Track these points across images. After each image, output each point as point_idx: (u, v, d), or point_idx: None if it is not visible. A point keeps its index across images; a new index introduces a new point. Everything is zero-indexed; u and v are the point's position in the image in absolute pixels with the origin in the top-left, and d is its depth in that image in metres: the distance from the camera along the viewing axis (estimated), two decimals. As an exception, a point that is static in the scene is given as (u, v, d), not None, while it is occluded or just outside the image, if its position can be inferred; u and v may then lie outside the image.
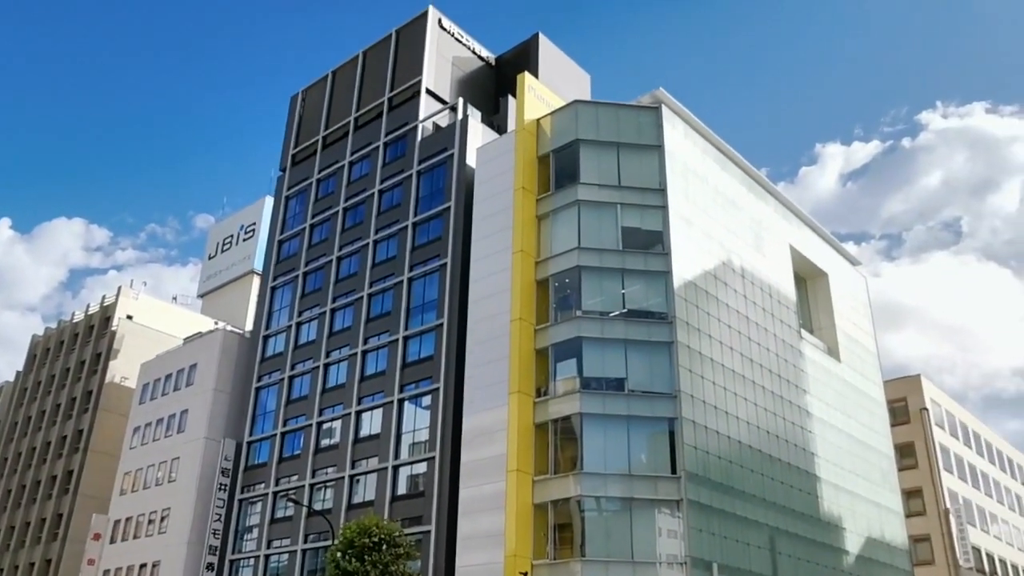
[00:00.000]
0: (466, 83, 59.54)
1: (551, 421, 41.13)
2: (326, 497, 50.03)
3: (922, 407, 69.92)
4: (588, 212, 44.27)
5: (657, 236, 44.22)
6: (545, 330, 42.83)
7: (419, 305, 49.93)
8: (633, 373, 41.35)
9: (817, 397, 52.77)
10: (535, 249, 44.86)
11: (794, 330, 52.70)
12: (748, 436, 44.96)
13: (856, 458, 55.03)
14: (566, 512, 39.57)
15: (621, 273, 43.28)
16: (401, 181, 54.86)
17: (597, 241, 43.62)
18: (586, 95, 59.28)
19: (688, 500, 38.98)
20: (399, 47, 60.03)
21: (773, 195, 55.92)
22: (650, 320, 42.36)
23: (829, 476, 51.01)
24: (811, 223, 59.62)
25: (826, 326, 58.14)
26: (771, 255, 53.12)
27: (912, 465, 68.36)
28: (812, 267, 58.35)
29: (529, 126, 47.31)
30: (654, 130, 46.24)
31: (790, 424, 49.03)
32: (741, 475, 43.44)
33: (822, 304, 58.92)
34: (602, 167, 45.28)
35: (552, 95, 50.36)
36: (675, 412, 40.39)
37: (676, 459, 39.90)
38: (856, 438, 55.91)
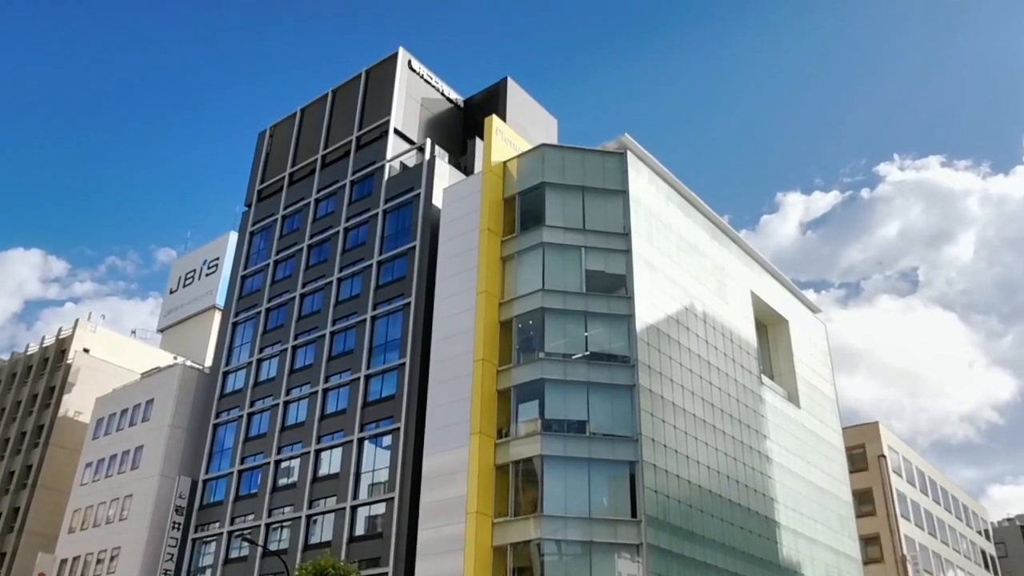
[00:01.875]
0: (434, 124, 60.00)
1: (512, 463, 40.93)
2: (282, 537, 49.16)
3: (880, 454, 70.60)
4: (552, 255, 44.57)
5: (620, 280, 44.57)
6: (508, 371, 42.80)
7: (382, 344, 49.71)
8: (595, 416, 41.36)
9: (777, 443, 53.13)
10: (499, 290, 44.99)
11: (755, 375, 53.16)
12: (708, 481, 45.06)
13: (815, 504, 55.34)
14: (526, 555, 39.22)
15: (584, 316, 43.49)
16: (367, 220, 54.89)
17: (561, 283, 43.87)
18: (553, 139, 60.01)
19: (648, 544, 38.84)
20: (368, 87, 60.45)
21: (735, 242, 56.73)
22: (612, 363, 42.53)
23: (789, 522, 51.19)
24: (772, 270, 60.49)
25: (786, 372, 58.75)
26: (733, 301, 53.73)
27: (870, 512, 68.79)
28: (773, 314, 59.08)
29: (496, 168, 47.71)
30: (619, 175, 46.84)
31: (750, 469, 49.23)
32: (701, 520, 43.43)
33: (782, 350, 59.59)
34: (567, 210, 45.70)
35: (519, 138, 50.92)
36: (636, 455, 40.42)
37: (636, 503, 39.82)
38: (815, 484, 56.27)
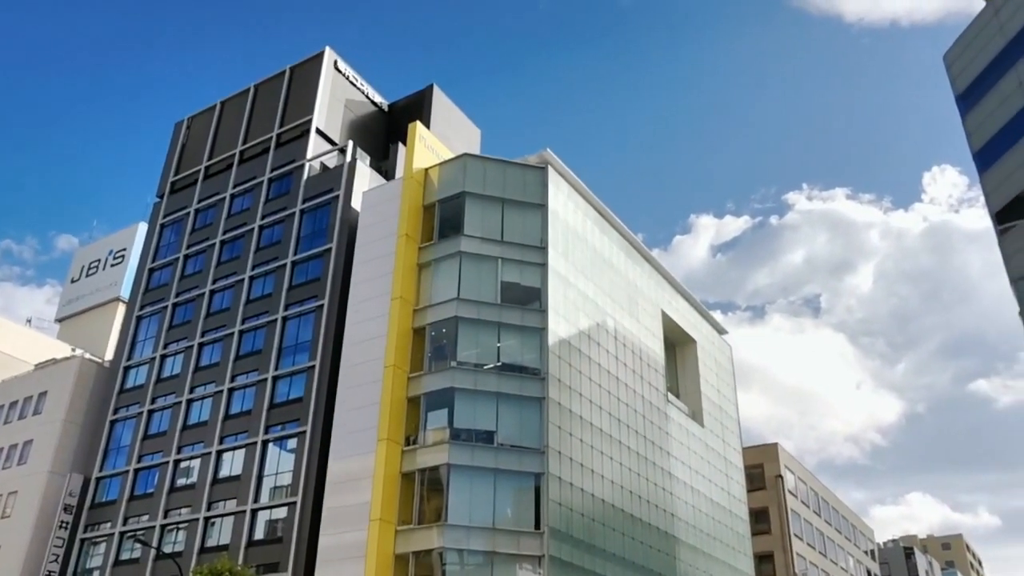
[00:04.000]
0: (357, 127, 59.54)
1: (418, 471, 40.74)
2: (178, 539, 47.75)
3: (778, 474, 72.78)
4: (469, 264, 44.67)
5: (535, 292, 44.94)
6: (418, 379, 42.64)
7: (292, 345, 48.92)
8: (503, 427, 41.53)
9: (680, 460, 54.26)
10: (414, 297, 44.84)
11: (661, 393, 54.23)
12: (612, 495, 45.70)
13: (714, 521, 56.68)
14: (428, 564, 39.05)
15: (498, 327, 43.67)
16: (283, 219, 54.03)
17: (476, 293, 43.98)
18: (476, 149, 60.20)
19: (550, 556, 39.14)
20: (292, 84, 59.62)
21: (648, 260, 57.85)
22: (523, 375, 42.80)
23: (688, 538, 52.29)
24: (682, 290, 61.87)
25: (691, 391, 60.10)
26: (643, 319, 54.73)
27: (765, 530, 70.79)
28: (681, 333, 60.40)
29: (417, 175, 47.61)
30: (539, 189, 47.29)
31: (653, 485, 50.14)
32: (603, 533, 44.00)
33: (689, 369, 60.95)
34: (486, 221, 45.89)
35: (442, 146, 50.93)
36: (542, 468, 40.72)
37: (540, 515, 40.10)
38: (715, 502, 57.65)
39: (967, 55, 44.44)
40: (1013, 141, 40.77)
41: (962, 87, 44.36)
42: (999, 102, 42.07)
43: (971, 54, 44.13)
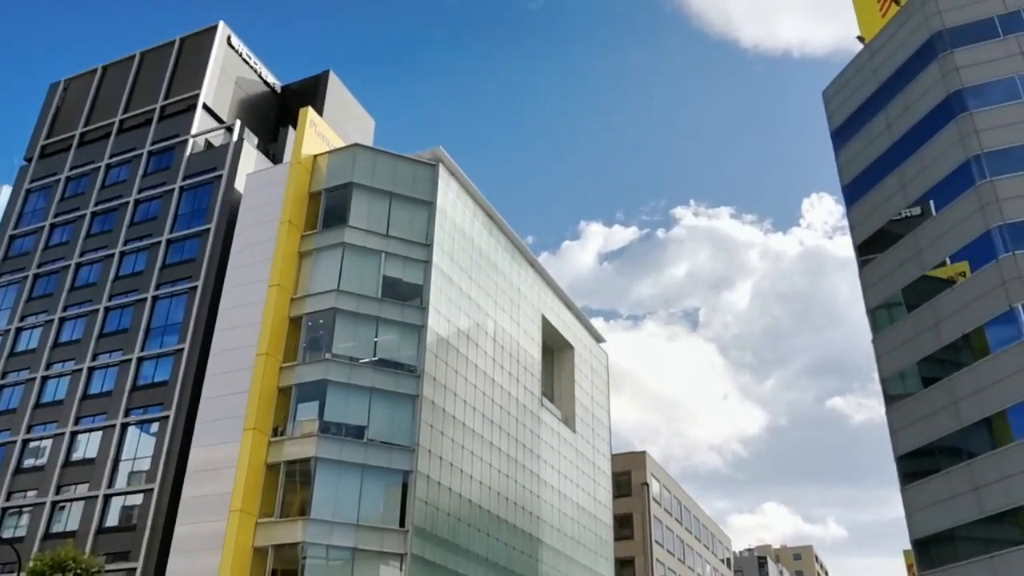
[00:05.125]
0: (247, 106, 57.90)
1: (285, 462, 39.93)
2: (20, 524, 45.27)
3: (644, 482, 74.68)
4: (352, 256, 44.08)
5: (417, 289, 44.73)
6: (291, 369, 41.79)
7: (160, 326, 47.14)
8: (375, 422, 41.15)
9: (550, 464, 55.00)
10: (292, 286, 43.93)
11: (536, 397, 54.86)
12: (479, 496, 45.92)
13: (579, 526, 57.70)
14: (288, 558, 38.31)
15: (376, 321, 43.26)
16: (161, 194, 51.99)
17: (357, 286, 43.43)
18: (368, 140, 59.46)
19: (412, 555, 39.03)
20: (182, 56, 57.47)
21: (533, 265, 58.42)
22: (399, 371, 42.53)
23: (552, 541, 53.05)
24: (564, 297, 62.74)
25: (566, 396, 61.00)
26: (524, 323, 55.24)
27: (629, 536, 72.50)
28: (560, 339, 61.25)
29: (305, 161, 46.67)
30: (429, 185, 47.09)
31: (521, 487, 50.66)
32: (468, 534, 44.17)
33: (565, 375, 61.86)
34: (372, 214, 45.38)
35: (333, 134, 50.08)
36: (411, 465, 40.56)
37: (406, 513, 39.93)
38: (581, 506, 58.70)
39: (843, 93, 46.70)
40: (877, 180, 43.13)
41: (837, 123, 46.61)
42: (868, 141, 44.41)
43: (847, 93, 46.41)
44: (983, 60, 40.18)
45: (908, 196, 41.27)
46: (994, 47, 40.34)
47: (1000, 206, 36.70)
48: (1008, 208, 36.55)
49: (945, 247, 38.82)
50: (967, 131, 38.86)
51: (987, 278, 36.32)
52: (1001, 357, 35.05)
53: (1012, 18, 40.64)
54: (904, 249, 40.86)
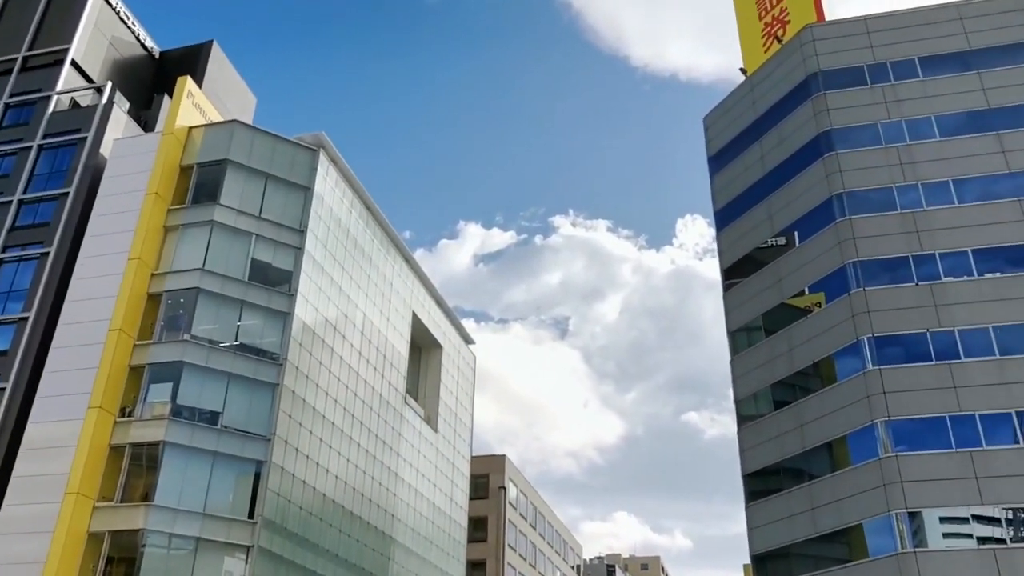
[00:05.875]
0: (121, 69, 54.96)
1: (130, 445, 38.04)
2: None
3: (501, 485, 75.18)
4: (220, 235, 42.49)
5: (286, 275, 43.53)
6: (145, 347, 39.88)
7: (4, 292, 44.04)
8: (231, 409, 39.74)
9: (409, 462, 54.56)
10: (154, 261, 41.95)
11: (400, 394, 54.32)
12: (334, 491, 45.05)
13: (433, 526, 57.47)
14: (125, 545, 36.51)
15: (241, 305, 41.83)
16: (17, 151, 48.61)
17: (223, 267, 41.89)
18: (248, 118, 57.57)
19: (260, 547, 37.90)
20: (51, 6, 53.88)
21: (408, 261, 57.90)
22: (260, 358, 41.24)
23: (405, 540, 52.60)
24: (437, 296, 62.46)
25: (431, 396, 60.72)
26: (394, 318, 54.65)
27: (482, 538, 72.79)
28: (430, 337, 60.93)
29: (179, 132, 44.70)
30: (307, 171, 45.96)
31: (378, 484, 50.02)
32: (319, 528, 43.25)
33: (431, 374, 61.57)
34: (246, 194, 43.89)
35: (212, 108, 48.21)
36: (265, 456, 39.39)
37: (256, 504, 38.75)
38: (437, 506, 58.49)
39: (723, 121, 48.41)
40: (747, 207, 44.92)
41: (714, 149, 48.29)
42: (742, 170, 46.20)
43: (726, 121, 48.14)
44: (851, 105, 42.45)
45: (774, 226, 43.12)
46: (862, 94, 42.68)
47: (855, 243, 38.82)
48: (862, 246, 38.70)
49: (804, 278, 40.74)
50: (832, 170, 40.95)
51: (838, 310, 38.33)
52: (846, 385, 37.03)
53: (879, 69, 43.11)
54: (767, 276, 42.65)
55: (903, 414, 35.33)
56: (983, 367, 35.42)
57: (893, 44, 43.71)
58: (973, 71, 42.04)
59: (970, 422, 34.76)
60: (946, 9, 44.25)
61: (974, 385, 35.18)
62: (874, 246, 38.74)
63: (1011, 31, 42.65)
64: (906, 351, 36.67)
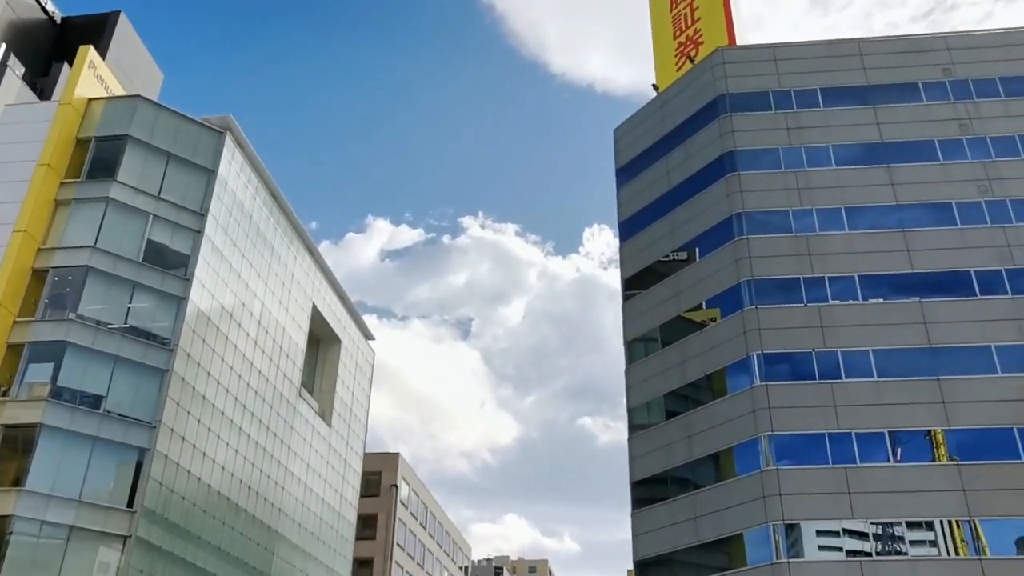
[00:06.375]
0: (17, 31, 52.32)
1: (4, 426, 36.24)
2: None
3: (393, 483, 74.67)
4: (115, 213, 40.98)
5: (183, 259, 42.30)
6: (26, 325, 38.09)
7: None
8: (115, 393, 38.34)
9: (300, 457, 53.66)
10: (42, 235, 40.14)
11: (295, 387, 53.41)
12: (221, 482, 43.95)
13: (321, 522, 56.65)
14: (-10, 531, 34.76)
15: (133, 286, 40.41)
16: (-103, 110, 45.87)
17: (116, 246, 40.41)
18: (154, 94, 55.63)
19: (137, 538, 36.67)
20: (-54, -39, 51.12)
21: (311, 253, 57.02)
22: (150, 342, 39.94)
23: (291, 535, 51.69)
24: (339, 290, 61.70)
25: (326, 390, 59.89)
26: (293, 309, 53.71)
27: (371, 536, 72.09)
28: (329, 331, 60.13)
29: (78, 103, 42.93)
30: (212, 153, 44.78)
31: (267, 478, 49.02)
32: (202, 520, 42.11)
33: (328, 369, 60.74)
34: (145, 172, 42.47)
35: (115, 81, 46.49)
36: (149, 443, 38.16)
37: (137, 492, 37.47)
38: (326, 502, 57.69)
39: (632, 135, 49.38)
40: (651, 220, 45.95)
41: (622, 162, 49.22)
42: (648, 184, 47.21)
43: (635, 135, 49.11)
44: (755, 128, 43.96)
45: (676, 240, 44.23)
46: (766, 118, 44.23)
47: (751, 263, 40.17)
48: (757, 265, 40.09)
49: (701, 292, 41.91)
50: (733, 190, 42.29)
51: (731, 326, 39.58)
52: (734, 399, 38.25)
53: (784, 96, 44.79)
54: (666, 289, 43.69)
55: (786, 429, 36.72)
56: (861, 388, 37.14)
57: (798, 73, 45.46)
58: (869, 105, 44.10)
59: (847, 440, 36.35)
60: (848, 44, 46.31)
61: (852, 405, 36.85)
62: (768, 266, 40.16)
63: (905, 71, 44.94)
64: (792, 369, 38.13)
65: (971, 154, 42.28)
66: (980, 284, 39.05)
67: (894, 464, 35.76)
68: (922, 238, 40.29)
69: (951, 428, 36.07)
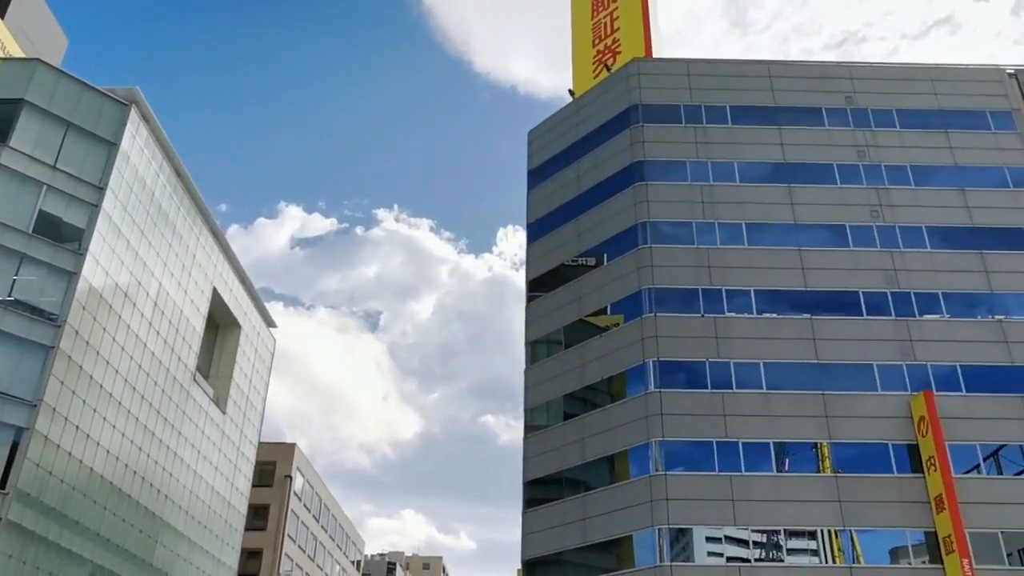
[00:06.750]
0: (-89, -17, 49.69)
1: None
2: None
3: (288, 474, 73.43)
4: (6, 180, 39.20)
5: (78, 233, 40.77)
6: (-99, 292, 36.15)
7: None
8: (-6, 369, 36.69)
9: (192, 443, 52.30)
10: (-76, 198, 38.16)
11: (189, 371, 52.04)
12: (104, 467, 42.45)
13: (210, 511, 55.30)
14: None
15: (21, 258, 38.72)
16: None
17: (6, 215, 38.67)
18: (57, 60, 53.49)
19: (8, 521, 35.13)
20: None
21: (216, 236, 55.67)
22: (36, 317, 38.34)
23: (177, 523, 50.31)
24: (243, 275, 60.41)
25: (223, 376, 58.55)
26: (192, 292, 52.33)
27: (262, 527, 70.69)
28: (229, 316, 58.80)
29: (-29, 63, 40.95)
30: (115, 125, 43.30)
31: (154, 464, 47.60)
32: (82, 505, 40.61)
33: (226, 354, 59.40)
34: (42, 140, 40.77)
35: (14, 43, 44.59)
36: (28, 422, 36.62)
37: (11, 473, 35.89)
38: (216, 491, 56.36)
39: (546, 138, 49.83)
40: (559, 224, 46.47)
41: (535, 164, 49.61)
42: (558, 187, 47.71)
43: (549, 138, 49.57)
44: (665, 140, 44.87)
45: (582, 245, 44.80)
46: (676, 131, 45.21)
47: (653, 271, 41.01)
48: (658, 274, 40.96)
49: (604, 297, 42.55)
50: (640, 199, 43.09)
51: (630, 332, 40.32)
52: (628, 404, 38.97)
53: (694, 110, 45.89)
54: (569, 292, 44.20)
55: (676, 436, 37.59)
56: (751, 399, 38.33)
57: (710, 89, 46.62)
58: (775, 126, 45.53)
59: (734, 448, 37.46)
60: (759, 66, 47.74)
61: (741, 415, 37.98)
62: (669, 276, 41.06)
63: (811, 96, 46.59)
64: (686, 377, 39.07)
65: (866, 180, 44.10)
66: (867, 305, 40.75)
67: (777, 474, 37.01)
68: (816, 257, 41.81)
69: (832, 441, 37.54)
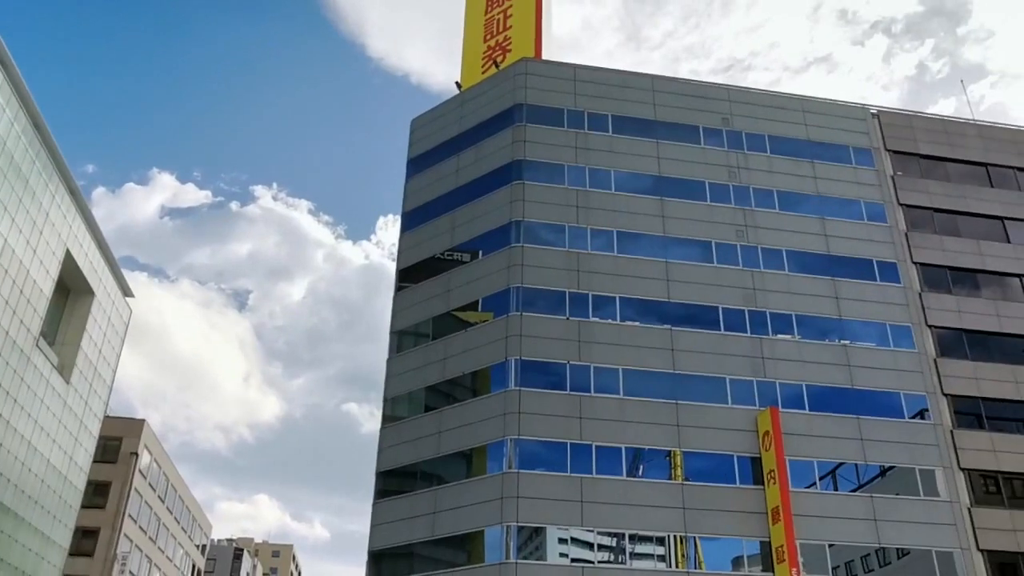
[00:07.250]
0: None
1: None
2: None
3: (134, 451, 70.28)
4: None
5: (-88, 178, 37.71)
6: None
7: None
8: None
9: (29, 412, 49.29)
10: None
11: (32, 337, 49.03)
12: (-77, 430, 39.45)
13: (43, 485, 52.24)
14: None
15: None
16: None
17: None
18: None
19: None
20: None
21: (73, 194, 52.68)
22: None
23: (3, 497, 47.28)
24: (101, 240, 57.42)
25: (70, 343, 55.48)
26: (42, 252, 49.32)
27: (100, 505, 67.37)
28: (82, 281, 55.78)
29: None
30: (-34, 67, 40.31)
31: (-18, 430, 44.60)
32: None
33: (75, 321, 56.33)
34: None
35: None
36: None
37: None
38: (53, 465, 53.32)
39: (429, 128, 49.45)
40: (433, 215, 46.18)
41: (415, 153, 49.15)
42: (436, 179, 47.41)
43: (432, 128, 49.22)
44: (546, 142, 45.24)
45: (455, 238, 44.61)
46: (557, 134, 45.66)
47: (523, 270, 41.25)
48: (527, 273, 41.21)
49: (473, 292, 42.50)
50: (516, 197, 43.26)
51: (495, 329, 40.42)
52: (487, 400, 39.04)
53: (577, 115, 46.44)
54: (439, 284, 43.94)
55: (532, 435, 37.91)
56: (607, 403, 39.04)
57: (594, 97, 47.28)
58: (653, 140, 46.58)
59: (587, 451, 38.07)
60: (643, 79, 48.73)
61: (597, 418, 38.65)
62: (539, 276, 41.38)
63: (689, 113, 47.90)
64: (547, 378, 39.45)
65: (735, 200, 45.66)
66: (725, 321, 42.18)
67: (627, 478, 37.83)
68: (681, 271, 42.99)
69: (683, 450, 38.67)
